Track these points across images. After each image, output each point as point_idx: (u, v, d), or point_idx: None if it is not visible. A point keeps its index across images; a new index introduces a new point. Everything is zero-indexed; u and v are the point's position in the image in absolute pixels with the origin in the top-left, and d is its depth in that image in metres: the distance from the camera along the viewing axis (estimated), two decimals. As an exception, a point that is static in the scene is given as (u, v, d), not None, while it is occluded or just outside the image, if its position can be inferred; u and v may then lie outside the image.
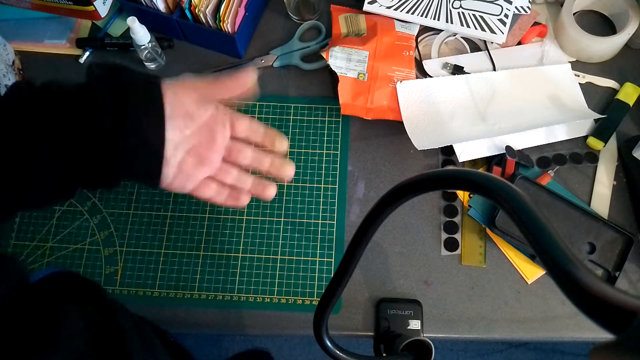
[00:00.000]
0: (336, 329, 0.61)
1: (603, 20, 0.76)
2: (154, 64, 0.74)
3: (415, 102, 0.69)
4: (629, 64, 0.73)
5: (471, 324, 0.62)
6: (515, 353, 1.31)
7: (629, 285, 0.62)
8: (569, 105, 0.70)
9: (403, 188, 0.31)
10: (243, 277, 0.64)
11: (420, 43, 0.75)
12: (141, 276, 0.64)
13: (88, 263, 0.65)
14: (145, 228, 0.66)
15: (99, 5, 0.69)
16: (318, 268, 0.64)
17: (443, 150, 0.69)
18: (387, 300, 0.62)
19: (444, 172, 0.30)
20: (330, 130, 0.71)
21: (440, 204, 0.67)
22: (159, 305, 0.63)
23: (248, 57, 0.75)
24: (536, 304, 0.62)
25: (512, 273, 0.64)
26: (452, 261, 0.64)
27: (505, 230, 0.62)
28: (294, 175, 0.68)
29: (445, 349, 1.32)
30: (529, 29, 0.72)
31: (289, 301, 0.63)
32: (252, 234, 0.66)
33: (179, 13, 0.71)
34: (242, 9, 0.70)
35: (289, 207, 0.67)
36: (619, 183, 0.67)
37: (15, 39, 0.75)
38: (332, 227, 0.66)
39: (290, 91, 0.73)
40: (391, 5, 0.72)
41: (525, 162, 0.66)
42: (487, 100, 0.70)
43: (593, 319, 0.21)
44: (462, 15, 0.72)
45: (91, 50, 0.76)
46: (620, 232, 0.62)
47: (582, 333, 0.61)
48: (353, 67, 0.69)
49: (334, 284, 0.39)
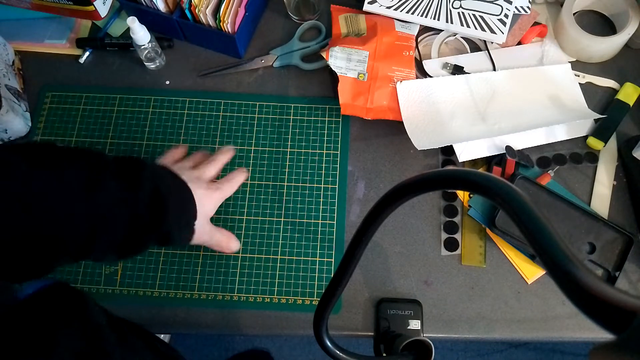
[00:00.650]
0: (336, 329, 0.61)
1: (603, 20, 0.76)
2: (154, 64, 0.74)
3: (415, 102, 0.69)
4: (629, 64, 0.73)
5: (471, 324, 0.62)
6: (515, 353, 1.31)
7: (629, 285, 0.62)
8: (569, 105, 0.70)
9: (403, 188, 0.31)
10: (243, 277, 0.64)
11: (420, 43, 0.75)
12: (141, 276, 0.64)
13: (88, 263, 0.65)
14: (145, 228, 0.66)
15: (99, 5, 0.69)
16: (318, 268, 0.64)
17: (443, 150, 0.69)
18: (387, 300, 0.62)
19: (444, 172, 0.30)
20: (330, 130, 0.71)
21: (440, 204, 0.67)
22: (159, 305, 0.63)
23: (248, 57, 0.75)
24: (536, 304, 0.62)
25: (512, 273, 0.64)
26: (452, 261, 0.64)
27: (505, 230, 0.62)
28: (294, 175, 0.68)
29: (445, 349, 1.32)
30: (529, 29, 0.72)
31: (289, 301, 0.63)
32: (252, 234, 0.66)
33: (179, 13, 0.71)
34: (242, 9, 0.70)
35: (289, 207, 0.67)
36: (619, 183, 0.67)
37: (15, 39, 0.75)
38: (332, 227, 0.66)
39: (290, 91, 0.73)
40: (391, 5, 0.72)
41: (525, 162, 0.66)
42: (487, 100, 0.70)
43: (593, 319, 0.21)
44: (462, 15, 0.72)
45: (91, 50, 0.76)
46: (620, 232, 0.62)
47: (582, 333, 0.61)
48: (353, 67, 0.69)
49: (334, 284, 0.39)
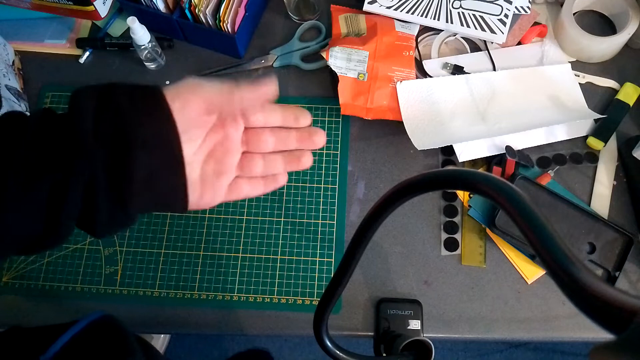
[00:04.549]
0: (336, 329, 0.61)
1: (603, 20, 0.76)
2: (154, 64, 0.74)
3: (415, 102, 0.69)
4: (629, 64, 0.73)
5: (471, 324, 0.62)
6: (515, 353, 1.31)
7: (629, 285, 0.62)
8: (569, 105, 0.70)
9: (403, 188, 0.31)
10: (243, 277, 0.64)
11: (420, 43, 0.75)
12: (141, 276, 0.64)
13: (88, 263, 0.65)
14: (145, 228, 0.66)
15: (99, 5, 0.69)
16: (318, 268, 0.64)
17: (443, 150, 0.69)
18: (387, 300, 0.62)
19: (444, 172, 0.30)
20: (330, 130, 0.71)
21: (440, 204, 0.67)
22: (159, 305, 0.63)
23: (248, 57, 0.75)
24: (536, 304, 0.62)
25: (512, 273, 0.64)
26: (452, 261, 0.64)
27: (505, 230, 0.62)
28: (294, 175, 0.68)
29: (445, 349, 1.32)
30: (529, 29, 0.72)
31: (289, 301, 0.63)
32: (252, 234, 0.66)
33: (179, 13, 0.71)
34: (242, 9, 0.70)
35: (289, 207, 0.67)
36: (619, 183, 0.67)
37: (15, 39, 0.75)
38: (332, 227, 0.66)
39: (290, 91, 0.73)
40: (391, 5, 0.72)
41: (525, 162, 0.66)
42: (487, 100, 0.70)
43: (593, 319, 0.21)
44: (462, 15, 0.72)
45: (91, 50, 0.76)
46: (620, 232, 0.62)
47: (582, 333, 0.61)
48: (353, 67, 0.69)
49: (334, 284, 0.39)
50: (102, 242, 0.66)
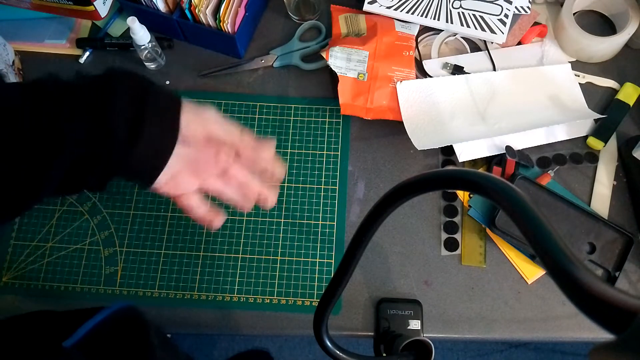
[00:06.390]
0: (336, 329, 0.61)
1: (603, 20, 0.76)
2: (154, 64, 0.74)
3: (415, 102, 0.69)
4: (629, 64, 0.73)
5: (471, 324, 0.62)
6: (515, 353, 1.31)
7: (629, 285, 0.62)
8: (569, 105, 0.70)
9: (403, 188, 0.31)
10: (243, 278, 0.64)
11: (420, 43, 0.75)
12: (141, 276, 0.64)
13: (88, 263, 0.65)
14: (145, 228, 0.66)
15: (99, 5, 0.69)
16: (318, 269, 0.64)
17: (443, 150, 0.69)
18: (387, 300, 0.62)
19: (444, 172, 0.30)
20: (330, 130, 0.71)
21: (440, 204, 0.67)
22: (159, 305, 0.63)
23: (248, 57, 0.75)
24: (536, 304, 0.62)
25: (512, 273, 0.64)
26: (452, 261, 0.64)
27: (505, 230, 0.62)
28: (294, 176, 0.68)
29: (445, 349, 1.32)
30: (529, 29, 0.72)
31: (289, 302, 0.63)
32: (252, 235, 0.66)
33: (179, 13, 0.71)
34: (242, 9, 0.70)
35: (289, 207, 0.67)
36: (619, 183, 0.67)
37: (15, 39, 0.75)
38: (332, 228, 0.66)
39: (290, 91, 0.73)
40: (391, 5, 0.72)
41: (525, 162, 0.66)
42: (487, 100, 0.70)
43: (593, 319, 0.21)
44: (462, 15, 0.72)
45: (91, 50, 0.76)
46: (620, 232, 0.62)
47: (582, 333, 0.61)
48: (353, 67, 0.69)
49: (334, 284, 0.39)
50: (102, 242, 0.66)
